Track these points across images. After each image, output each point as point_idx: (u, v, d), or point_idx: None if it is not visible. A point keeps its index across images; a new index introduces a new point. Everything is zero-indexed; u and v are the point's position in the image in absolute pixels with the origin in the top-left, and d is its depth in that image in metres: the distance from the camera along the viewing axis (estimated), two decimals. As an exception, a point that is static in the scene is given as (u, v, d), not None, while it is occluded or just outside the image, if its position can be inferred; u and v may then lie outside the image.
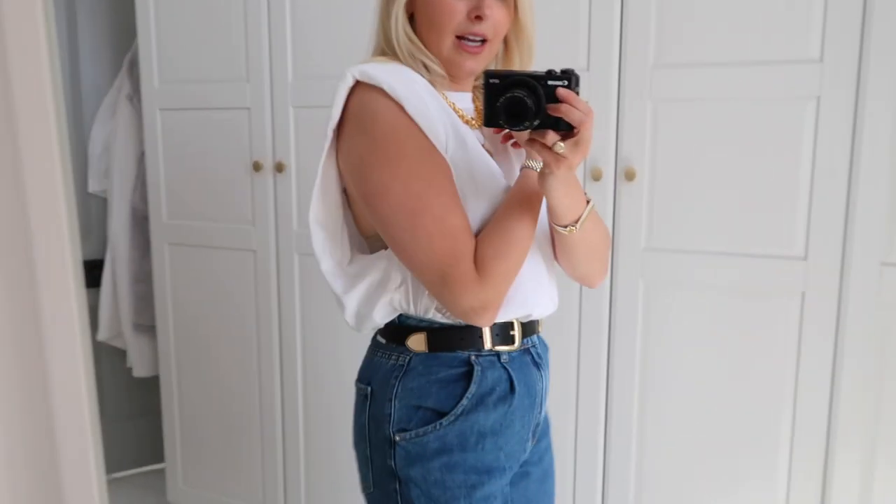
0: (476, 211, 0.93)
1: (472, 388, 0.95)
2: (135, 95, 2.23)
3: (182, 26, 2.03)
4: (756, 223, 1.47)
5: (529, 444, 1.04)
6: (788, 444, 1.49)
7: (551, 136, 0.82)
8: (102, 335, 2.36)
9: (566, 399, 1.66)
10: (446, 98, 0.99)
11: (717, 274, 1.51)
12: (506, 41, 1.01)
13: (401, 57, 0.96)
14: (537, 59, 1.03)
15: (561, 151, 0.82)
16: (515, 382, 0.97)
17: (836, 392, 1.44)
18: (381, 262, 0.97)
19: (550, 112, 0.82)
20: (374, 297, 0.97)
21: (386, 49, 0.99)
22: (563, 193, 0.88)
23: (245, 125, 1.97)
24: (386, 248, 0.96)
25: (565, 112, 0.81)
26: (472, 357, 0.96)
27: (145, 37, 2.09)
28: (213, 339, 2.14)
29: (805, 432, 1.47)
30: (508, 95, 0.82)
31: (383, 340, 1.01)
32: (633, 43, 1.51)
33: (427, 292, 0.95)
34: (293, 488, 2.07)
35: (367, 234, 1.01)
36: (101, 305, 2.34)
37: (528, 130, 0.84)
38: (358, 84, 0.92)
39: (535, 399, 1.02)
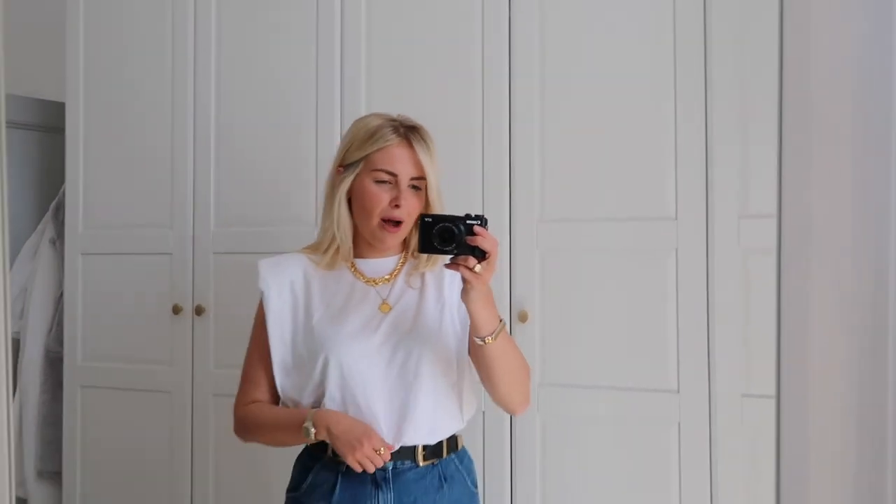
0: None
1: (309, 478, 1.29)
2: (58, 239, 2.30)
3: (109, 174, 2.14)
4: (635, 360, 1.64)
5: None
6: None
7: (471, 260, 1.13)
8: (3, 483, 2.26)
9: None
10: (354, 265, 1.32)
11: (604, 406, 1.65)
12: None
13: (337, 233, 1.29)
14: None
15: (478, 271, 1.13)
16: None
17: (717, 516, 1.56)
18: None
19: (469, 242, 1.13)
20: None
21: (326, 227, 1.30)
22: (482, 306, 1.16)
23: (167, 270, 2.05)
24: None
25: (480, 242, 1.13)
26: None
27: (73, 183, 2.18)
28: (122, 484, 2.10)
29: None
30: (440, 226, 1.14)
31: None
32: (521, 200, 1.72)
33: None
34: None
35: None
36: (5, 451, 2.27)
37: (452, 256, 1.14)
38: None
39: None
